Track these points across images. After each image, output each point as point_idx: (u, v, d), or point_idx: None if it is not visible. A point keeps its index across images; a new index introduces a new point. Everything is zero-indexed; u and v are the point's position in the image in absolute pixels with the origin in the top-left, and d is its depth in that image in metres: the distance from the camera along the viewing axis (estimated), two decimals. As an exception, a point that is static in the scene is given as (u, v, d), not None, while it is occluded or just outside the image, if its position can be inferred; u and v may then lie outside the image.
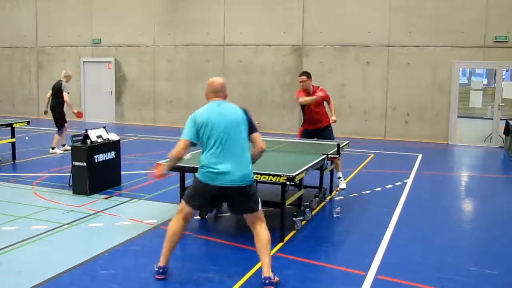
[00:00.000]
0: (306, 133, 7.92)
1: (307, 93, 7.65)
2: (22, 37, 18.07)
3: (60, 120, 10.45)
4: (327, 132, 7.81)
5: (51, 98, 10.54)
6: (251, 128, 4.21)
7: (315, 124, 7.79)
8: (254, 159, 4.29)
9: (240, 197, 4.12)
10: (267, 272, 4.05)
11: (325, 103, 7.86)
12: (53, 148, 10.40)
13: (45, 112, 10.75)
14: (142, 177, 8.21)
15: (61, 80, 10.54)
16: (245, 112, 4.25)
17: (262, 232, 4.15)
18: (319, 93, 7.62)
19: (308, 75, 7.66)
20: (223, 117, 4.09)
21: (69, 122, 10.89)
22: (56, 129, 10.51)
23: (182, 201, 4.25)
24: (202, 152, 4.12)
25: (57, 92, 10.38)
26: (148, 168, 4.29)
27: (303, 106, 7.72)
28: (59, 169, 8.89)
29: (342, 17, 13.85)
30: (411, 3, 13.18)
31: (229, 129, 4.06)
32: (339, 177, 7.79)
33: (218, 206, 6.13)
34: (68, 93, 10.54)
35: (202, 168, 4.07)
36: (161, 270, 4.23)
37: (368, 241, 5.39)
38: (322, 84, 8.59)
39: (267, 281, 4.03)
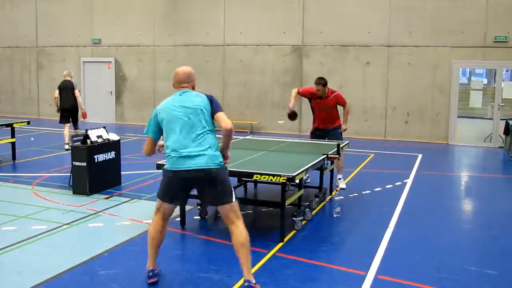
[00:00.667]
0: (316, 133, 7.94)
1: (317, 96, 7.65)
2: (22, 37, 18.07)
3: (77, 117, 11.03)
4: (336, 134, 7.81)
5: (63, 97, 10.82)
6: (215, 109, 4.10)
7: (325, 124, 7.83)
8: (224, 143, 4.21)
9: (209, 184, 4.00)
10: (246, 274, 3.93)
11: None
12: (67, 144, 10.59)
13: (59, 111, 10.93)
14: (142, 177, 8.21)
15: (69, 80, 10.95)
16: (208, 96, 4.14)
17: (237, 230, 3.99)
18: (331, 97, 7.66)
19: (325, 82, 7.59)
20: (182, 104, 4.04)
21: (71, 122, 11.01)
22: (73, 126, 10.97)
23: (157, 199, 4.16)
24: (166, 139, 4.07)
25: (71, 90, 10.81)
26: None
27: (313, 108, 7.81)
28: (59, 169, 8.89)
29: (342, 17, 13.85)
30: (411, 3, 13.18)
31: (189, 114, 4.00)
32: (339, 178, 7.83)
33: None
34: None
35: (167, 157, 4.02)
36: (150, 274, 4.16)
37: (368, 241, 5.39)
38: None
39: (245, 284, 3.91)
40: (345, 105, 7.88)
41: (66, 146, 10.68)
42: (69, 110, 10.80)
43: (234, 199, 4.07)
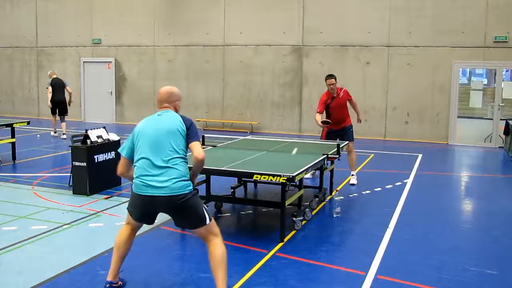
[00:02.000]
0: (330, 134, 8.05)
1: (331, 96, 7.84)
2: (22, 37, 18.07)
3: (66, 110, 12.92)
4: (349, 133, 8.02)
5: (55, 93, 12.62)
6: (191, 137, 3.88)
7: (339, 125, 7.97)
8: (194, 171, 3.99)
9: (178, 211, 3.79)
10: None
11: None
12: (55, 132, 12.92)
13: (51, 104, 12.70)
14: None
15: (58, 77, 12.92)
16: (186, 121, 3.92)
17: (214, 249, 3.80)
18: (341, 95, 7.89)
19: (335, 78, 7.83)
20: (156, 126, 3.86)
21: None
22: (62, 117, 12.75)
23: (127, 217, 4.01)
24: (135, 161, 3.88)
25: (62, 87, 12.76)
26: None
27: (329, 111, 7.91)
28: (59, 169, 8.89)
29: (342, 17, 13.85)
30: (411, 3, 13.18)
31: (160, 137, 3.80)
32: (352, 174, 8.14)
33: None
34: None
35: (135, 179, 3.82)
36: (107, 286, 3.95)
37: (368, 241, 5.39)
38: (322, 84, 8.59)
39: None
40: (351, 98, 8.11)
41: (52, 133, 12.98)
42: (59, 103, 12.66)
43: (208, 221, 3.84)
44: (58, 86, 12.66)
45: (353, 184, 7.97)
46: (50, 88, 12.59)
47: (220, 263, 3.75)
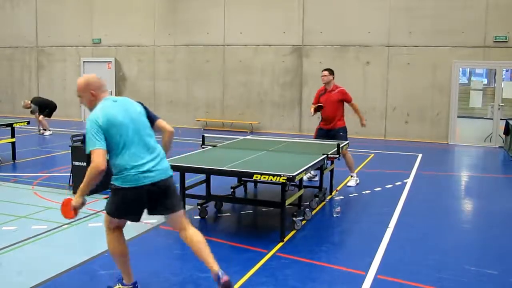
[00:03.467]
0: (320, 133, 8.06)
1: (323, 89, 7.97)
2: (22, 37, 18.08)
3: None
4: (339, 136, 7.88)
5: (41, 107, 13.68)
6: (152, 116, 3.91)
7: (328, 124, 7.95)
8: (167, 147, 4.00)
9: (166, 193, 3.76)
10: (215, 266, 3.74)
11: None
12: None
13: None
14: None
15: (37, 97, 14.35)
16: (138, 102, 3.93)
17: (191, 232, 3.83)
18: (335, 91, 7.90)
19: (330, 71, 7.93)
20: (126, 113, 3.70)
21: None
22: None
23: (111, 218, 3.81)
24: (115, 156, 3.67)
25: (44, 100, 14.07)
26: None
27: (319, 100, 7.98)
28: (59, 169, 8.89)
29: (342, 17, 13.85)
30: (411, 3, 13.18)
31: (137, 123, 3.72)
32: (352, 175, 8.08)
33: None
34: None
35: (125, 172, 3.65)
36: (137, 286, 3.96)
37: (368, 241, 5.39)
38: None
39: (219, 276, 3.71)
40: (351, 101, 8.02)
41: (46, 132, 13.51)
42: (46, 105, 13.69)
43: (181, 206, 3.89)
44: (40, 101, 13.73)
45: (350, 186, 7.85)
46: (37, 108, 13.43)
47: (205, 245, 3.79)
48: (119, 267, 3.93)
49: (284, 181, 4.97)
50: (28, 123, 10.03)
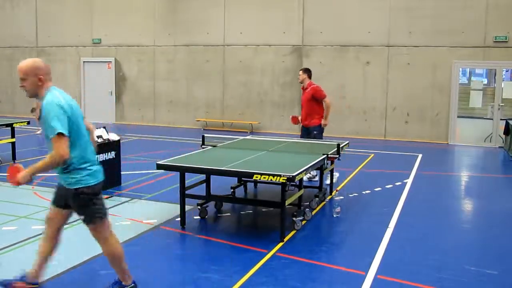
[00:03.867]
0: (302, 131, 8.29)
1: (302, 88, 8.19)
2: (22, 37, 18.08)
3: None
4: (313, 135, 8.01)
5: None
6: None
7: (305, 120, 8.14)
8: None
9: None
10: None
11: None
12: None
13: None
14: (142, 177, 8.21)
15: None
16: None
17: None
18: (308, 90, 8.00)
19: (304, 70, 8.12)
20: (76, 104, 3.54)
21: None
22: None
23: (102, 221, 3.79)
24: (78, 146, 3.45)
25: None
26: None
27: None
28: (59, 169, 8.88)
29: (342, 17, 13.85)
30: (411, 3, 13.18)
31: (82, 117, 3.57)
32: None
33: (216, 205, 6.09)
34: None
35: (91, 167, 3.54)
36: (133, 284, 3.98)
37: (368, 241, 5.39)
38: (322, 84, 8.60)
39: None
40: (324, 99, 7.99)
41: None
42: None
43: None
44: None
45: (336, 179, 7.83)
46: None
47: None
48: (121, 268, 3.91)
49: (284, 181, 4.97)
50: (28, 123, 10.03)
